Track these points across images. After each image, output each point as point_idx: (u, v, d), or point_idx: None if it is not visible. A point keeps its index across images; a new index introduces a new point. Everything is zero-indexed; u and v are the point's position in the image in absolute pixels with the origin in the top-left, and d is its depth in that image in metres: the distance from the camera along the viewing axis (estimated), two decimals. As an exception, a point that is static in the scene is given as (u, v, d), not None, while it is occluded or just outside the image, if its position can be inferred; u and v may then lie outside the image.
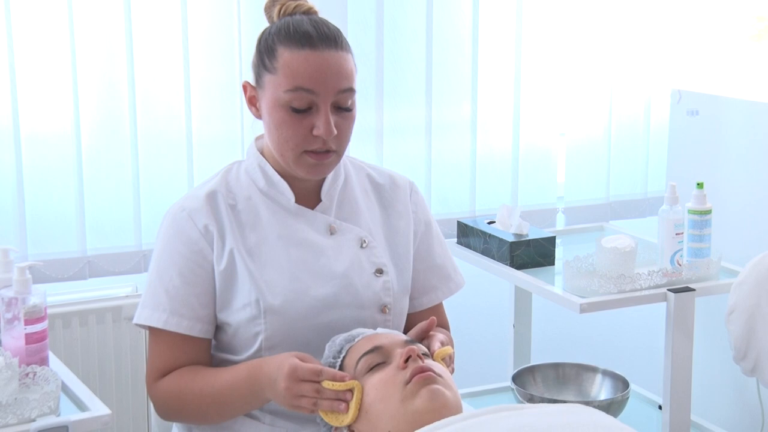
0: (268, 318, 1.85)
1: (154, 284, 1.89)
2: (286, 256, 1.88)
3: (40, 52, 2.55)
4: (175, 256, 1.88)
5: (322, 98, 1.81)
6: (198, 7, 2.68)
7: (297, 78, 1.80)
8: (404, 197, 2.02)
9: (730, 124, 2.99)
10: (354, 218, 1.96)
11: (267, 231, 1.89)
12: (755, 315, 2.49)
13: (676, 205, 2.56)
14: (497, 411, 1.59)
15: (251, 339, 1.87)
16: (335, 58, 1.82)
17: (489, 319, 3.20)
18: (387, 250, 1.97)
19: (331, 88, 1.81)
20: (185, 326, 1.87)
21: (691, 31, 3.32)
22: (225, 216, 1.89)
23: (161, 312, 1.87)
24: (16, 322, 1.95)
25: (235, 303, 1.87)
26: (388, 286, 1.93)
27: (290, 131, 1.83)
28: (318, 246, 1.91)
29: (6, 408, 1.79)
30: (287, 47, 1.82)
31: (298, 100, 1.81)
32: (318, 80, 1.80)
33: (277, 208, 1.91)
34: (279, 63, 1.82)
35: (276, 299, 1.85)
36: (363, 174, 2.03)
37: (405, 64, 2.96)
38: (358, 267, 1.92)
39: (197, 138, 2.73)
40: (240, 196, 1.92)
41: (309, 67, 1.80)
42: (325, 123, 1.81)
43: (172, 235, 1.89)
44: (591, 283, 2.45)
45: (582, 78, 3.20)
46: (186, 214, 1.89)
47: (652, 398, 2.83)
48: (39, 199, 2.60)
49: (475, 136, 3.07)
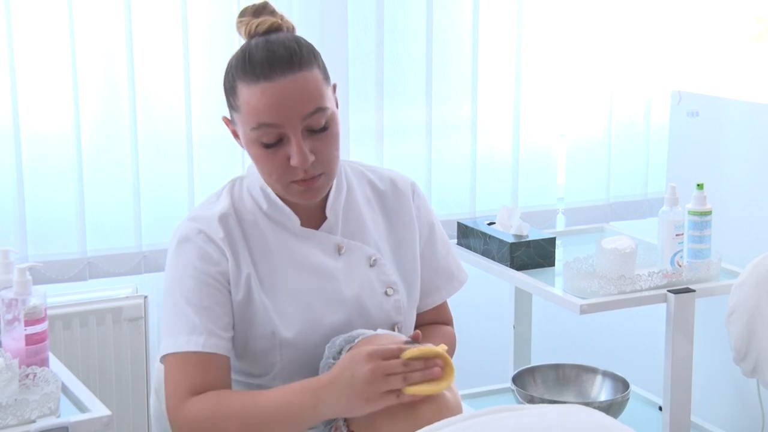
0: (284, 350, 1.83)
1: (182, 308, 1.80)
2: (297, 284, 1.84)
3: (41, 52, 2.55)
4: (200, 275, 1.80)
5: (289, 129, 1.73)
6: (198, 8, 2.68)
7: (258, 115, 1.73)
8: (407, 203, 1.99)
9: (730, 125, 2.99)
10: (361, 234, 1.92)
11: (276, 258, 1.85)
12: (755, 316, 2.49)
13: (676, 206, 2.55)
14: (497, 412, 1.59)
15: (269, 366, 1.84)
16: (293, 83, 1.72)
17: (489, 320, 3.20)
18: (395, 265, 1.94)
19: (296, 116, 1.73)
20: (223, 347, 1.80)
21: (692, 32, 3.32)
22: (238, 242, 1.84)
23: (198, 335, 1.78)
24: (17, 323, 1.95)
25: (251, 331, 1.83)
26: (398, 305, 1.91)
27: (269, 166, 1.77)
28: (328, 270, 1.87)
29: (6, 409, 1.79)
30: (244, 82, 1.74)
31: (266, 135, 1.74)
32: (278, 113, 1.72)
33: (283, 233, 1.87)
34: (240, 101, 1.76)
35: (290, 332, 1.82)
36: (364, 181, 1.97)
37: (405, 65, 2.96)
38: (369, 288, 1.89)
39: (197, 139, 2.72)
40: (247, 221, 1.86)
41: (267, 101, 1.72)
42: (298, 153, 1.74)
43: (193, 257, 1.81)
44: (591, 284, 2.45)
45: (582, 79, 3.20)
46: (204, 236, 1.82)
47: (653, 399, 2.83)
48: (39, 200, 2.60)
49: (475, 137, 3.07)
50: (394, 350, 1.64)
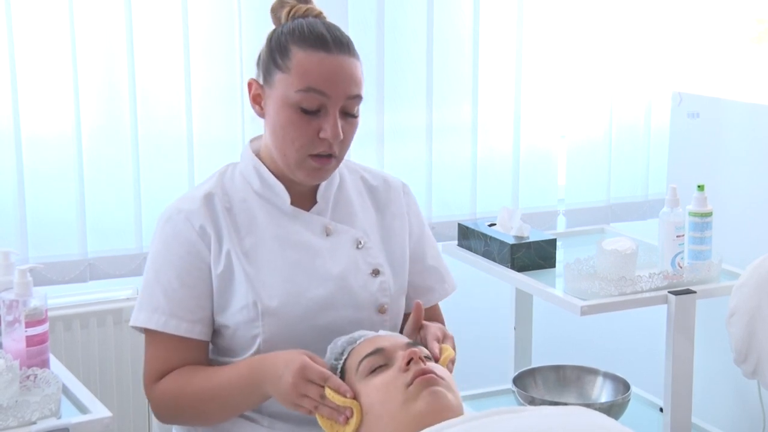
0: (266, 320, 1.85)
1: (152, 286, 1.89)
2: (282, 258, 1.88)
3: (41, 53, 2.55)
4: (173, 258, 1.87)
5: (332, 102, 1.82)
6: (198, 9, 2.68)
7: (310, 79, 1.81)
8: (398, 197, 2.04)
9: (730, 126, 2.99)
10: (349, 219, 1.96)
11: (263, 233, 1.89)
12: (756, 317, 2.49)
13: (677, 207, 2.55)
14: (498, 413, 1.59)
15: (249, 341, 1.87)
16: (348, 63, 1.83)
17: (490, 322, 3.20)
18: (383, 251, 1.97)
19: (342, 92, 1.82)
20: (184, 328, 1.87)
21: (692, 34, 3.32)
22: (221, 218, 1.89)
23: (160, 314, 1.87)
24: (17, 324, 1.95)
25: (232, 305, 1.87)
26: (385, 287, 1.94)
27: (297, 132, 1.83)
28: (314, 247, 1.91)
29: (6, 411, 1.79)
30: (301, 47, 1.82)
31: (309, 101, 1.81)
32: (330, 83, 1.81)
33: (272, 210, 1.91)
34: (292, 62, 1.82)
35: (273, 301, 1.85)
36: (357, 176, 2.03)
37: (405, 67, 2.96)
38: (354, 268, 1.92)
39: (198, 139, 2.73)
40: (235, 198, 1.91)
41: (323, 69, 1.81)
42: (333, 126, 1.82)
43: (169, 237, 1.88)
44: (592, 285, 2.45)
45: (583, 80, 3.20)
46: (183, 216, 1.88)
47: (653, 401, 2.83)
48: (40, 202, 2.60)
49: (476, 139, 3.07)
50: (323, 375, 1.70)
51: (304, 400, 1.71)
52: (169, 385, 1.87)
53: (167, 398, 1.88)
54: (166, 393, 1.87)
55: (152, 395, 1.90)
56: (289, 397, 1.72)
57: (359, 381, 1.71)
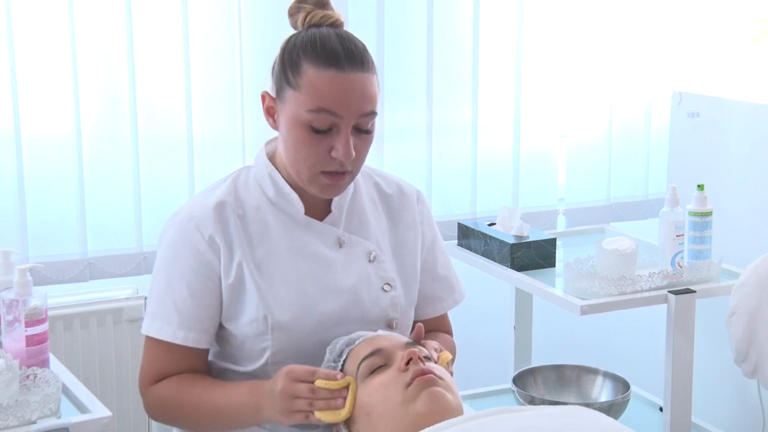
0: (275, 334, 1.83)
1: (163, 295, 1.86)
2: (294, 270, 1.86)
3: (41, 54, 2.55)
4: (184, 268, 1.85)
5: (344, 121, 1.77)
6: (199, 10, 2.68)
7: (321, 99, 1.76)
8: (411, 206, 2.00)
9: (730, 125, 2.99)
10: (363, 230, 1.93)
11: (275, 243, 1.86)
12: (756, 317, 2.49)
13: (677, 206, 2.55)
14: (498, 413, 1.59)
15: (257, 354, 1.86)
16: (361, 80, 1.77)
17: (490, 321, 3.20)
18: (394, 264, 1.95)
19: (355, 111, 1.77)
20: (192, 339, 1.85)
21: (692, 33, 3.32)
22: (233, 227, 1.86)
23: (169, 325, 1.85)
24: (17, 324, 1.95)
25: (242, 317, 1.85)
26: (395, 302, 1.92)
27: (308, 151, 1.79)
28: (326, 259, 1.88)
29: (6, 410, 1.79)
30: (313, 64, 1.76)
31: (320, 120, 1.76)
32: (342, 103, 1.76)
33: (285, 219, 1.88)
34: (303, 80, 1.77)
35: (284, 315, 1.83)
36: (371, 183, 1.99)
37: (406, 67, 2.96)
38: (366, 282, 1.90)
39: (198, 140, 2.73)
40: (249, 206, 1.88)
41: (334, 89, 1.75)
42: (345, 146, 1.77)
43: (180, 246, 1.86)
44: (592, 284, 2.45)
45: (583, 80, 3.20)
46: (193, 224, 1.85)
47: (653, 400, 2.83)
48: (40, 202, 2.60)
49: (476, 138, 3.07)
50: (310, 371, 1.71)
51: (298, 402, 1.70)
52: (166, 391, 1.86)
53: (162, 402, 1.87)
54: (163, 397, 1.87)
55: (147, 396, 1.89)
56: (283, 404, 1.71)
57: (359, 382, 1.71)
